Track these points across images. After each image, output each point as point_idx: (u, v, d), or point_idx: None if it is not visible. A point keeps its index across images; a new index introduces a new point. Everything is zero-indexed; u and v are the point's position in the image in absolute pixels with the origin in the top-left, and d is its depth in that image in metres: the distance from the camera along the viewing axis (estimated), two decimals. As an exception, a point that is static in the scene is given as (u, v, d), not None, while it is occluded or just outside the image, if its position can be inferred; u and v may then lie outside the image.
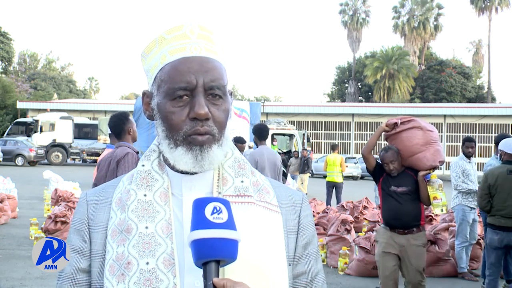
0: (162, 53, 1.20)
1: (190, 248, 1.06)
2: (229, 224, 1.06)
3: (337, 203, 13.83)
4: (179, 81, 1.16)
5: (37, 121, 33.22)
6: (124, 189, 1.23)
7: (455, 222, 7.98)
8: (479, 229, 8.05)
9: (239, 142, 8.39)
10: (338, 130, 40.45)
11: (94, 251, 1.20)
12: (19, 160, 30.17)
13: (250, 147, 18.21)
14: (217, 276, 1.04)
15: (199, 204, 1.07)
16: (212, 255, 1.03)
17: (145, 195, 1.19)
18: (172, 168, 1.22)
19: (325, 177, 15.75)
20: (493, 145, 6.40)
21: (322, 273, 1.31)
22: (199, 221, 1.05)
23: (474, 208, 7.47)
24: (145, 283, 1.11)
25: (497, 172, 5.90)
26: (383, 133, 5.26)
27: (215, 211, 1.06)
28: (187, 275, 1.14)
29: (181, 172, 1.20)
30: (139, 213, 1.17)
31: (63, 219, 9.28)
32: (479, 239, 8.11)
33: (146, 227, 1.16)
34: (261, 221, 1.19)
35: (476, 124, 38.74)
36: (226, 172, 1.23)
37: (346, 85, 60.00)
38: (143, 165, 1.24)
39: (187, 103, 1.16)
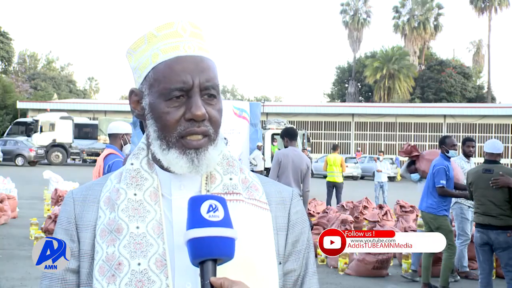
0: (153, 51, 1.18)
1: (186, 247, 1.05)
2: (226, 222, 1.05)
3: (337, 203, 13.81)
4: (174, 81, 1.14)
5: (37, 121, 33.13)
6: (112, 188, 1.20)
7: (454, 222, 8.00)
8: (473, 229, 8.07)
9: None
10: (338, 130, 40.43)
11: (83, 251, 1.17)
12: (19, 160, 30.12)
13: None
14: (215, 275, 1.04)
15: (195, 202, 1.06)
16: (209, 254, 1.03)
17: (135, 194, 1.17)
18: (161, 167, 1.20)
19: (325, 177, 15.74)
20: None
21: (313, 269, 1.26)
22: (195, 219, 1.04)
23: (471, 207, 7.50)
24: (136, 284, 1.10)
25: (474, 171, 6.13)
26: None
27: (211, 209, 1.05)
28: (177, 277, 1.12)
29: (170, 171, 1.18)
30: (129, 213, 1.15)
31: (63, 219, 9.28)
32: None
33: (137, 227, 1.14)
34: (250, 219, 1.17)
35: (476, 124, 38.71)
36: (214, 170, 1.21)
37: (346, 85, 59.92)
38: (132, 164, 1.22)
39: (182, 103, 1.14)
